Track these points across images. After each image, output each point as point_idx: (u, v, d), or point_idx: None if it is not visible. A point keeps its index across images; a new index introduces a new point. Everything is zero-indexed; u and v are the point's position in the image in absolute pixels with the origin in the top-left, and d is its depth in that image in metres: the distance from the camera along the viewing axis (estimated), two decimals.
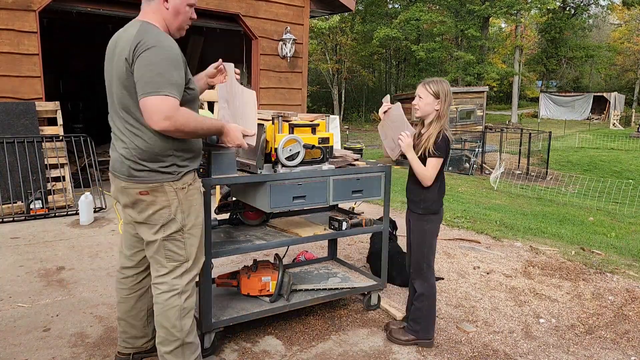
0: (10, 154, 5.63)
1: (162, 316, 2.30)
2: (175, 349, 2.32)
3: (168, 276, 2.30)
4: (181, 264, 2.31)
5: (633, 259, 4.96)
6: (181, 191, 2.26)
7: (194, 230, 2.33)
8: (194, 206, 2.31)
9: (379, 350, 2.88)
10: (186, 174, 2.28)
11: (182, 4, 2.26)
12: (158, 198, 2.23)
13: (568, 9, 37.29)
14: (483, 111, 15.77)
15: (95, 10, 6.62)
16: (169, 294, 2.29)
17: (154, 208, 2.24)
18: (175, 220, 2.26)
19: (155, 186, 2.21)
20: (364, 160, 3.23)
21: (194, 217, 2.32)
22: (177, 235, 2.28)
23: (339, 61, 31.09)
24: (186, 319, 2.33)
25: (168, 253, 2.29)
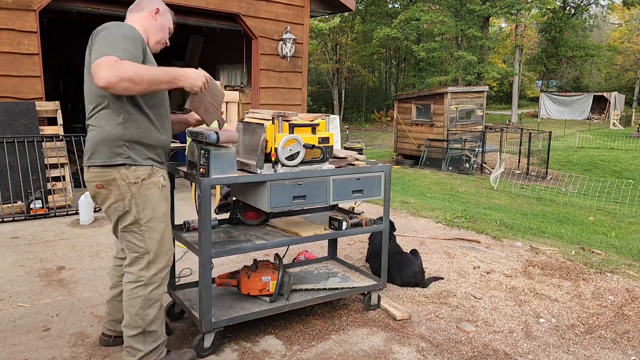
0: (10, 153, 5.63)
1: (127, 303, 2.41)
2: (137, 334, 2.42)
3: (133, 267, 2.41)
4: (142, 255, 2.39)
5: (633, 258, 4.96)
6: (134, 185, 2.32)
7: (152, 223, 2.38)
8: (150, 200, 2.37)
9: (379, 350, 2.88)
10: (138, 167, 2.33)
11: (166, 23, 2.46)
12: (112, 192, 2.33)
13: (568, 9, 37.29)
14: (483, 111, 15.77)
15: (95, 10, 6.62)
16: (135, 284, 2.39)
17: (109, 201, 2.35)
18: (130, 212, 2.34)
19: (109, 180, 2.30)
20: (364, 160, 3.23)
21: (151, 210, 2.37)
22: (134, 228, 2.37)
23: (339, 61, 31.09)
24: (150, 309, 2.42)
25: (128, 244, 2.40)
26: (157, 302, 2.45)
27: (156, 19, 2.41)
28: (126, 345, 2.45)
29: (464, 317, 3.35)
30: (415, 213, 6.44)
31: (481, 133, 14.98)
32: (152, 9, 2.41)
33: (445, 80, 26.65)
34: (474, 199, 9.23)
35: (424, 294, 3.69)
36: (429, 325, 3.20)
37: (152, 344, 2.45)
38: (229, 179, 2.59)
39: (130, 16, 2.42)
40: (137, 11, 2.41)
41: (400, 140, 15.97)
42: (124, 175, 2.30)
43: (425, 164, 14.56)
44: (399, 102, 16.12)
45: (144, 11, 2.40)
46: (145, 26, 2.38)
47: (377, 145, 20.60)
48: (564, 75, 44.01)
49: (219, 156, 2.53)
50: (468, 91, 15.55)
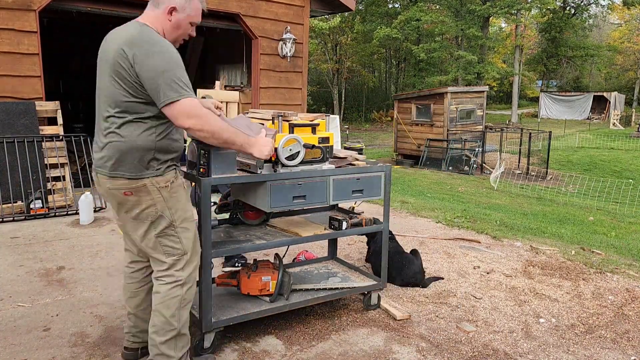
0: (10, 153, 5.63)
1: (162, 305, 2.35)
2: (170, 339, 2.38)
3: (170, 269, 2.37)
4: (181, 256, 2.37)
5: (633, 258, 4.96)
6: (164, 189, 2.30)
7: (185, 223, 2.38)
8: (180, 201, 2.36)
9: (379, 350, 2.88)
10: (166, 171, 2.31)
11: (184, 20, 2.32)
12: (142, 198, 2.27)
13: (568, 9, 37.29)
14: (483, 111, 15.77)
15: (95, 10, 6.62)
16: (172, 285, 2.36)
17: (140, 207, 2.29)
18: (164, 217, 2.31)
19: (138, 186, 2.25)
20: (364, 160, 3.23)
21: (182, 211, 2.37)
22: (169, 231, 2.34)
23: (339, 61, 31.10)
24: (184, 309, 2.41)
25: (166, 249, 2.35)
26: (189, 303, 2.44)
27: (171, 19, 2.28)
28: (156, 353, 2.38)
29: (464, 317, 3.35)
30: (415, 213, 6.44)
31: (481, 133, 14.98)
32: (167, 7, 2.27)
33: (445, 80, 26.65)
34: (474, 198, 9.23)
35: (424, 294, 3.69)
36: (429, 325, 3.20)
37: (182, 350, 2.42)
38: (229, 179, 2.59)
39: (148, 10, 2.31)
40: (154, 6, 2.29)
41: (400, 140, 15.98)
42: (154, 181, 2.27)
43: (425, 164, 14.56)
44: (399, 102, 16.13)
45: (160, 8, 2.27)
46: (161, 26, 2.28)
47: (377, 145, 20.60)
48: (564, 75, 44.02)
49: (219, 156, 2.52)
50: (468, 91, 15.55)
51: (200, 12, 2.39)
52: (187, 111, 2.15)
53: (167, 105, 2.13)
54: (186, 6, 2.30)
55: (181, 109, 2.14)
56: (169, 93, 2.12)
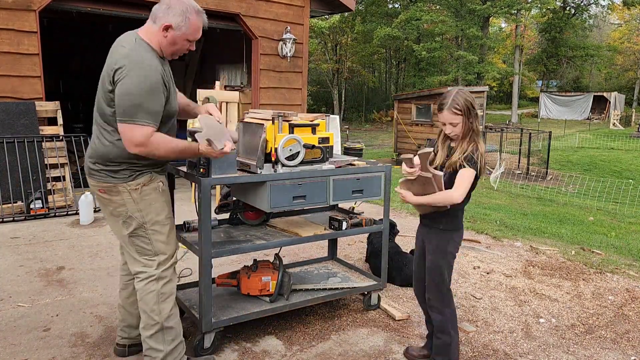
0: (10, 153, 5.63)
1: (142, 302, 2.43)
2: (155, 333, 2.43)
3: (142, 267, 2.44)
4: (152, 257, 2.44)
5: (633, 259, 4.96)
6: (135, 191, 2.36)
7: (157, 226, 2.43)
8: (152, 204, 2.41)
9: (379, 350, 2.88)
10: (139, 176, 2.38)
11: (180, 37, 2.36)
12: (113, 197, 2.37)
13: (568, 9, 37.29)
14: (483, 111, 15.76)
15: (95, 10, 6.62)
16: (146, 280, 2.43)
17: (112, 206, 2.39)
18: (133, 218, 2.38)
19: (109, 186, 2.36)
20: (364, 160, 3.23)
21: (154, 214, 2.41)
22: (140, 232, 2.40)
23: (339, 61, 31.09)
24: (165, 303, 2.45)
25: (137, 248, 2.43)
26: (170, 296, 2.47)
27: (166, 36, 2.31)
28: (145, 348, 2.46)
29: (464, 317, 3.35)
30: (415, 213, 6.44)
31: (481, 133, 14.95)
32: (162, 25, 2.29)
33: (446, 80, 26.64)
34: (474, 199, 9.23)
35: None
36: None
37: (172, 343, 2.46)
38: (229, 179, 2.59)
39: (148, 24, 2.34)
40: (152, 21, 2.33)
41: (400, 140, 15.97)
42: (124, 184, 2.36)
43: None
44: (399, 102, 16.12)
45: (157, 24, 2.31)
46: (158, 41, 2.33)
47: (377, 145, 20.59)
48: (564, 75, 44.01)
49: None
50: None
51: (199, 30, 2.41)
52: (133, 139, 2.21)
53: (120, 123, 2.22)
54: (182, 25, 2.32)
55: (130, 134, 2.21)
56: (124, 116, 2.20)
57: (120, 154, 2.31)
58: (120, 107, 2.20)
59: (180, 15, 2.30)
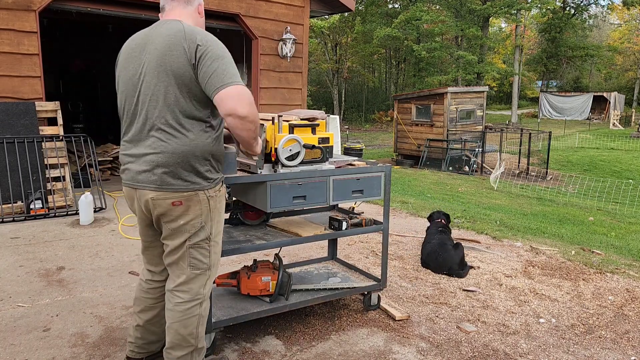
0: (10, 154, 5.63)
1: (180, 324, 2.24)
2: (187, 354, 2.30)
3: (191, 284, 2.24)
4: (204, 271, 2.26)
5: (633, 258, 4.96)
6: (213, 199, 2.20)
7: (218, 237, 2.30)
8: (221, 213, 2.29)
9: (379, 350, 2.88)
10: (218, 181, 2.25)
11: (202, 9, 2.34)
12: (191, 207, 2.14)
13: (568, 9, 37.29)
14: (483, 111, 15.77)
15: (95, 10, 6.62)
16: (192, 303, 2.24)
17: (187, 218, 2.15)
18: (205, 228, 2.21)
19: (190, 195, 2.12)
20: (364, 160, 3.23)
21: (221, 224, 2.30)
22: (203, 244, 2.23)
23: (339, 61, 31.11)
24: (202, 326, 2.32)
25: (192, 261, 2.23)
26: (205, 318, 2.34)
27: (202, 16, 2.27)
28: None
29: (464, 317, 3.35)
30: (415, 213, 6.44)
31: (481, 133, 14.98)
32: (199, 3, 2.25)
33: (445, 80, 26.66)
34: (474, 199, 9.23)
35: (424, 294, 3.69)
36: (429, 326, 3.20)
37: (198, 358, 2.36)
38: (229, 179, 2.59)
39: (178, 9, 2.21)
40: (185, 3, 2.21)
41: (400, 140, 15.98)
42: (205, 190, 2.17)
43: (425, 164, 14.56)
44: (399, 102, 16.13)
45: (193, 5, 2.22)
46: (194, 22, 2.22)
47: (377, 146, 20.60)
48: (564, 76, 44.03)
49: None
50: (468, 91, 15.55)
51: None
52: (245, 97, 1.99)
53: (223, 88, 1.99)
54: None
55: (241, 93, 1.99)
56: (227, 79, 2.00)
57: (204, 151, 2.11)
58: (217, 74, 1.99)
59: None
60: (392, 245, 4.86)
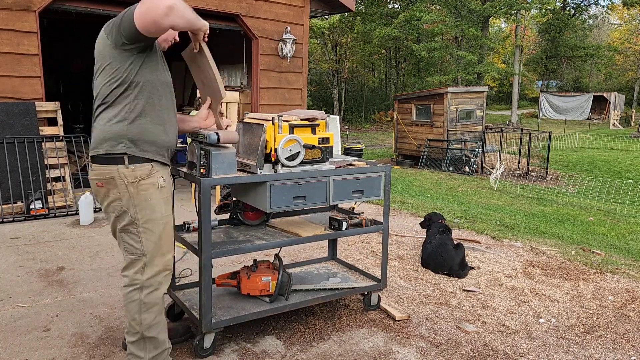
0: (10, 154, 5.63)
1: (125, 308, 2.38)
2: (136, 340, 2.39)
3: (129, 270, 2.37)
4: (139, 257, 2.35)
5: (633, 258, 4.96)
6: (131, 185, 2.29)
7: (149, 224, 2.34)
8: (148, 201, 2.33)
9: (379, 350, 2.88)
10: (139, 166, 2.30)
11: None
12: (110, 190, 2.31)
13: (568, 9, 37.30)
14: (483, 111, 15.77)
15: (95, 10, 6.62)
16: (130, 287, 2.35)
17: (108, 200, 2.33)
18: (127, 213, 2.31)
19: (108, 179, 2.29)
20: (364, 160, 3.23)
21: (149, 211, 2.33)
22: (130, 228, 2.33)
23: (339, 61, 31.11)
24: (147, 313, 2.36)
25: (125, 245, 2.36)
26: (154, 307, 2.38)
27: None
28: (128, 352, 2.43)
29: (464, 317, 3.35)
30: (415, 213, 6.44)
31: (481, 133, 14.99)
32: None
33: (445, 80, 26.67)
34: (473, 199, 9.23)
35: (424, 294, 3.69)
36: (429, 326, 3.20)
37: (153, 351, 2.41)
38: (229, 179, 2.59)
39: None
40: None
41: (400, 140, 15.98)
42: (122, 175, 2.28)
43: (425, 165, 14.56)
44: (399, 103, 16.13)
45: None
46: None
47: (377, 146, 20.60)
48: (563, 76, 44.03)
49: (219, 156, 2.52)
50: (468, 91, 15.55)
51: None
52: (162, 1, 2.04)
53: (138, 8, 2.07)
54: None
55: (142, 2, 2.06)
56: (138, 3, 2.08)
57: (120, 132, 2.25)
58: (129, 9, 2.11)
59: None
60: (392, 245, 4.86)
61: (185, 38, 2.44)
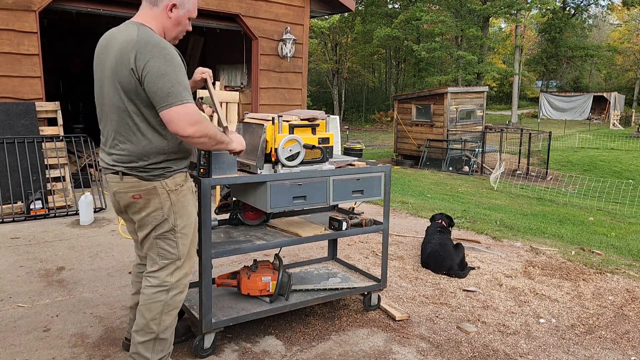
0: (10, 154, 5.63)
1: (145, 307, 2.36)
2: (148, 341, 2.38)
3: (160, 272, 2.37)
4: (173, 261, 2.38)
5: (633, 259, 4.96)
6: (173, 193, 2.31)
7: (186, 229, 2.38)
8: (186, 207, 2.36)
9: (379, 350, 2.88)
10: (177, 175, 2.33)
11: (184, 16, 2.30)
12: (151, 201, 2.28)
13: (568, 9, 37.30)
14: (483, 111, 15.77)
15: (95, 10, 6.62)
16: (157, 288, 2.36)
17: (147, 210, 2.30)
18: (168, 221, 2.32)
19: (148, 189, 2.26)
20: (364, 160, 3.23)
21: (187, 217, 2.37)
22: (169, 235, 2.34)
23: (339, 61, 31.11)
24: (167, 315, 2.39)
25: (160, 251, 2.36)
26: (175, 310, 2.41)
27: (171, 16, 2.24)
28: (133, 351, 2.40)
29: (464, 318, 3.35)
30: (415, 213, 6.44)
31: (481, 133, 14.99)
32: (167, 4, 2.22)
33: (445, 80, 26.67)
34: (474, 199, 9.23)
35: (424, 294, 3.69)
36: (429, 326, 3.20)
37: (160, 353, 2.41)
38: (230, 179, 2.59)
39: (144, 10, 2.25)
40: (152, 4, 2.23)
41: (400, 140, 15.98)
42: (164, 184, 2.28)
43: (425, 165, 14.56)
44: (399, 103, 16.13)
45: (159, 6, 2.22)
46: (161, 24, 2.24)
47: (377, 146, 20.60)
48: (563, 76, 44.02)
49: (219, 156, 2.53)
50: (468, 91, 15.55)
51: (197, 6, 2.37)
52: (190, 117, 2.10)
53: (167, 108, 2.08)
54: (185, 1, 2.28)
55: (184, 113, 2.09)
56: (169, 98, 2.08)
57: (160, 150, 2.23)
58: (160, 91, 2.07)
59: None
60: (392, 245, 4.86)
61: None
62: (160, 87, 2.08)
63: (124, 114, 2.19)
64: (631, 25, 44.02)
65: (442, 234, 4.43)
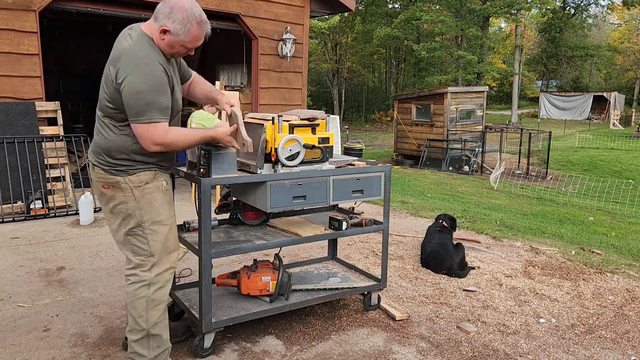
0: (10, 154, 5.63)
1: (130, 305, 2.40)
2: (141, 338, 2.41)
3: (136, 269, 2.40)
4: (147, 257, 2.40)
5: (633, 258, 4.96)
6: (137, 189, 2.35)
7: (155, 226, 2.40)
8: (153, 204, 2.39)
9: (379, 350, 2.88)
10: (143, 172, 2.36)
11: (177, 43, 2.30)
12: (116, 194, 2.36)
13: (568, 9, 37.30)
14: (483, 111, 15.77)
15: (95, 10, 6.62)
16: (137, 285, 2.39)
17: (114, 202, 2.39)
18: (133, 216, 2.37)
19: (113, 182, 2.35)
20: (364, 160, 3.23)
21: (154, 213, 2.39)
22: (137, 231, 2.38)
23: (339, 61, 31.11)
24: (154, 310, 2.41)
25: (133, 247, 2.40)
26: (160, 304, 2.43)
27: (163, 39, 2.26)
28: (130, 351, 2.44)
29: (464, 317, 3.35)
30: (415, 213, 6.44)
31: (481, 133, 14.99)
32: (160, 27, 2.24)
33: (445, 80, 26.67)
34: (474, 199, 9.23)
35: (424, 294, 3.69)
36: (429, 326, 3.20)
37: (157, 349, 2.43)
38: (229, 179, 2.59)
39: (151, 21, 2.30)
40: (154, 18, 2.27)
41: (400, 140, 15.98)
42: (127, 180, 2.34)
43: (425, 164, 14.56)
44: (399, 102, 16.13)
45: (157, 23, 2.25)
46: (156, 39, 2.28)
47: (377, 146, 20.60)
48: (563, 76, 44.03)
49: (219, 156, 2.53)
50: (468, 91, 15.55)
51: (198, 39, 2.33)
52: (153, 138, 2.22)
53: (136, 123, 2.21)
54: (180, 32, 2.25)
55: (147, 134, 2.21)
56: (139, 115, 2.18)
57: (123, 148, 2.31)
58: (131, 107, 2.18)
59: (180, 23, 2.23)
60: (392, 245, 4.86)
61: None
62: (133, 104, 2.18)
63: (105, 110, 2.31)
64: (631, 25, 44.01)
65: (442, 234, 4.43)
